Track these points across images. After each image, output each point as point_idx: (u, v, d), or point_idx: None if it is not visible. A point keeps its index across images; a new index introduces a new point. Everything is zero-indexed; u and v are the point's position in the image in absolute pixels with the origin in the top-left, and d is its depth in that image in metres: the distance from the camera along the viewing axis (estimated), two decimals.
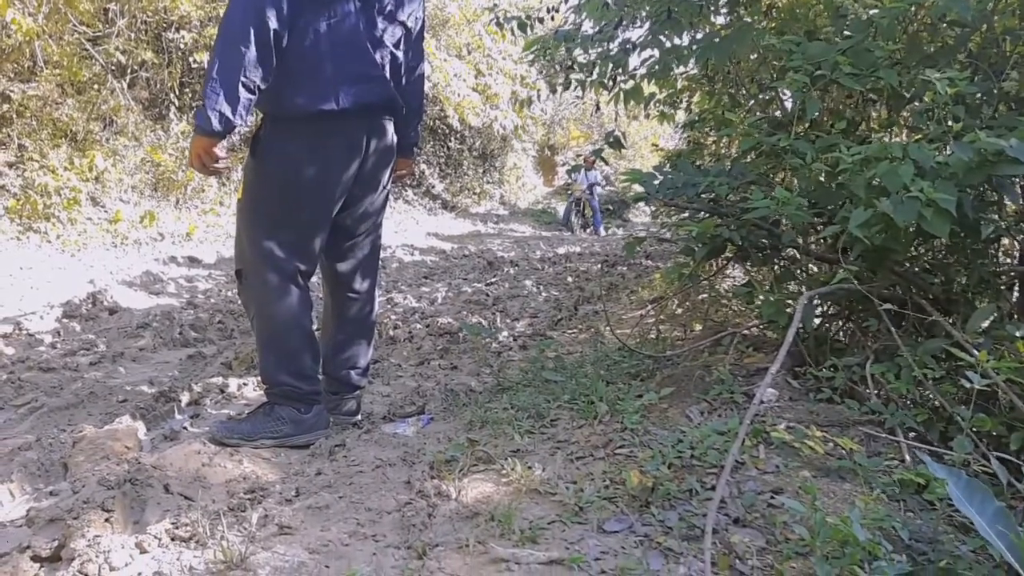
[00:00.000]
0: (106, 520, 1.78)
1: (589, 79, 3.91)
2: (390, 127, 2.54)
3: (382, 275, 7.02)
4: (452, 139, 15.58)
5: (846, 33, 2.67)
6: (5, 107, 8.07)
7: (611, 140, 3.72)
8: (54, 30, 7.81)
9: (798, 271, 3.06)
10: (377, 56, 2.45)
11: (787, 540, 1.60)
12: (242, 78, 2.16)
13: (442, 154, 15.53)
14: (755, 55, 3.56)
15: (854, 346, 2.72)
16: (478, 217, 15.10)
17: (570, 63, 4.03)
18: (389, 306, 5.32)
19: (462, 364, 3.63)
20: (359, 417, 2.77)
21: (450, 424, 2.62)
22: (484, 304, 5.42)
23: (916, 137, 2.60)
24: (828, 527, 1.48)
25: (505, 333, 4.32)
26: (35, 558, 1.68)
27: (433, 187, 14.97)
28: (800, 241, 2.85)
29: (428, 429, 2.60)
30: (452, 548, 1.65)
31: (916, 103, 2.70)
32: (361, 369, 2.74)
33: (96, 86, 8.86)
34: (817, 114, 2.65)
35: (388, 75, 2.49)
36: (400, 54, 2.55)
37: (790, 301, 2.63)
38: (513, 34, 4.51)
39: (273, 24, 2.18)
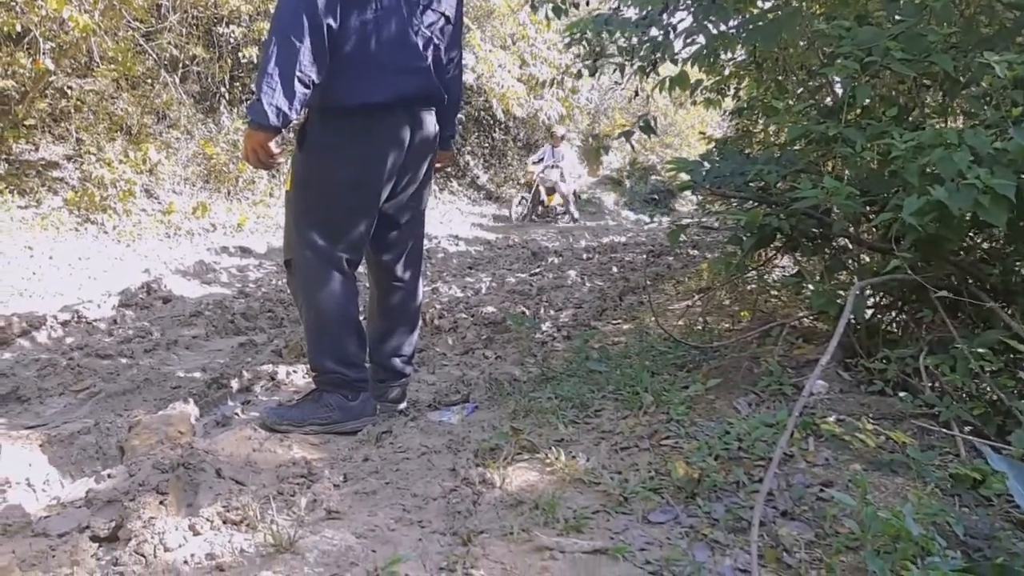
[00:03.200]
0: (161, 502, 1.83)
1: (629, 64, 3.87)
2: (432, 118, 2.55)
3: (427, 265, 7.08)
4: (496, 130, 15.58)
5: (898, 17, 2.60)
6: (63, 102, 8.31)
7: (643, 124, 3.68)
8: (109, 26, 8.00)
9: (849, 261, 2.99)
10: (422, 47, 2.46)
11: (837, 534, 1.57)
12: (297, 72, 2.18)
13: (486, 145, 15.54)
14: (803, 41, 3.48)
15: (907, 337, 2.66)
16: None
17: (598, 49, 3.99)
18: (434, 296, 5.36)
19: (506, 354, 3.64)
20: (405, 405, 2.80)
21: (494, 413, 2.63)
22: (528, 294, 5.42)
23: (972, 123, 2.52)
24: (879, 521, 1.45)
25: (549, 323, 4.32)
26: (94, 538, 1.73)
27: (478, 178, 15.00)
28: (851, 230, 2.79)
29: (473, 417, 2.62)
30: (497, 535, 1.66)
31: (972, 88, 2.62)
32: (406, 357, 2.76)
33: (149, 80, 9.07)
34: (868, 101, 2.59)
35: (434, 64, 2.50)
36: (442, 44, 2.56)
37: (841, 291, 2.58)
38: (547, 19, 4.49)
39: (327, 18, 2.20)
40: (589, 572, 1.52)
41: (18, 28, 6.96)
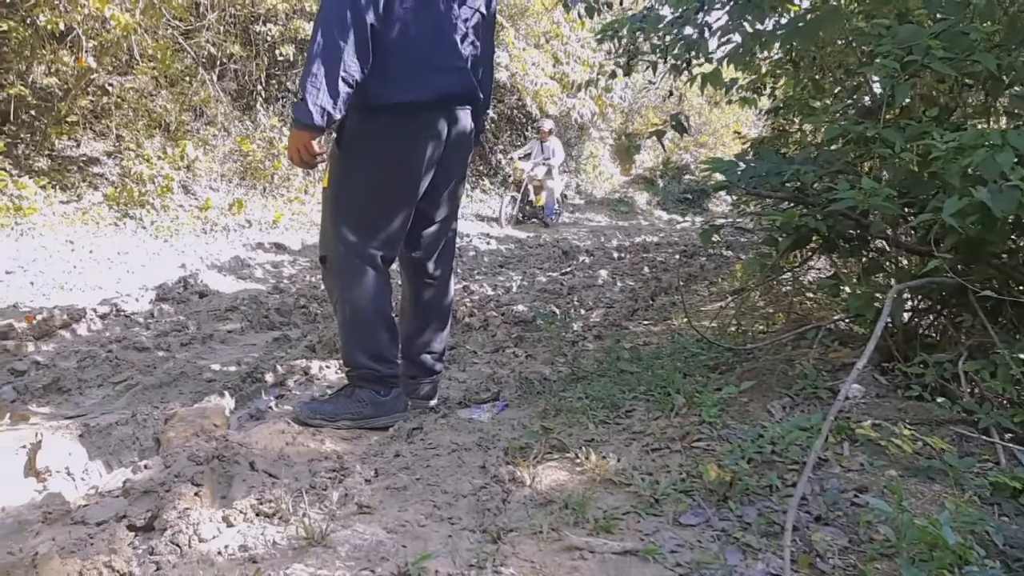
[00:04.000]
0: (195, 494, 1.85)
1: (663, 62, 3.84)
2: (468, 115, 2.56)
3: (458, 263, 7.10)
4: (529, 128, 15.57)
5: (939, 15, 2.55)
6: (104, 99, 8.48)
7: (675, 123, 3.64)
8: (149, 24, 8.15)
9: (887, 263, 2.95)
10: (460, 45, 2.47)
11: (871, 540, 1.55)
12: (342, 72, 2.20)
13: (519, 143, 15.54)
14: (842, 40, 3.43)
15: (946, 342, 2.61)
16: None
17: (632, 47, 3.96)
18: (465, 294, 5.37)
19: (536, 352, 3.64)
20: (435, 402, 2.81)
21: (524, 411, 2.63)
22: (559, 293, 5.42)
23: (1016, 123, 2.47)
24: (916, 529, 1.43)
25: (579, 323, 4.31)
26: (130, 527, 1.76)
27: (510, 176, 15.01)
28: (889, 232, 2.75)
29: (503, 416, 2.62)
30: (526, 534, 1.66)
31: (1016, 88, 2.56)
32: (437, 354, 2.78)
33: (188, 78, 9.22)
34: (908, 101, 2.54)
35: (471, 63, 2.51)
36: (477, 40, 2.56)
37: (878, 294, 2.54)
38: (580, 17, 4.47)
39: (370, 18, 2.22)
40: (619, 573, 1.51)
41: (61, 27, 7.11)
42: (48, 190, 7.48)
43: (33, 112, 7.99)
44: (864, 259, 3.00)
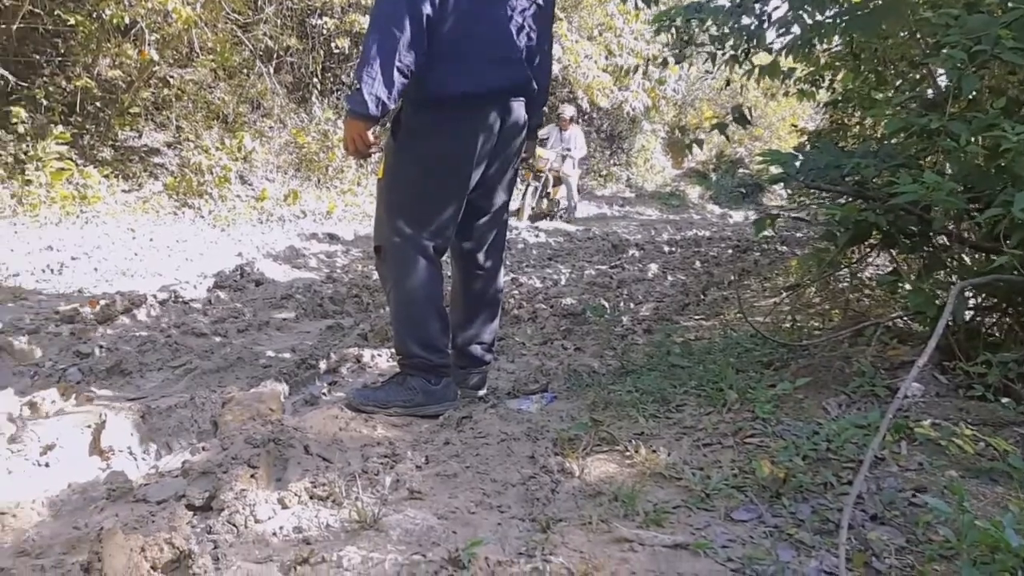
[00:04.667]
0: (251, 476, 1.90)
1: (720, 53, 3.77)
2: (522, 107, 2.56)
3: (508, 256, 7.11)
4: (580, 121, 15.50)
5: (1010, 4, 2.46)
6: (165, 91, 8.70)
7: (736, 115, 3.58)
8: (209, 18, 8.33)
9: (949, 259, 2.86)
10: (516, 37, 2.47)
11: (930, 541, 1.51)
12: (397, 62, 2.21)
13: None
14: (905, 31, 3.34)
15: (1011, 341, 2.52)
16: (604, 200, 14.97)
17: (687, 37, 3.90)
18: (514, 286, 5.38)
19: (585, 345, 3.63)
20: (484, 391, 2.83)
21: (573, 404, 2.63)
22: (608, 286, 5.39)
23: None
24: (977, 530, 1.39)
25: (628, 317, 4.28)
26: (189, 506, 1.81)
27: (582, 174, 14.96)
28: (952, 227, 2.67)
29: (551, 407, 2.62)
30: (575, 524, 1.67)
31: None
32: (486, 344, 2.79)
33: (245, 71, 9.40)
34: (975, 93, 2.46)
35: (527, 54, 2.51)
36: (533, 32, 2.56)
37: (940, 291, 2.47)
38: (636, 8, 4.42)
39: (427, 9, 2.23)
40: (669, 566, 1.50)
41: (126, 20, 7.31)
42: (111, 179, 7.71)
43: (98, 104, 8.23)
44: (925, 255, 2.92)
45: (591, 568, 1.47)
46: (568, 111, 11.30)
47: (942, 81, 3.17)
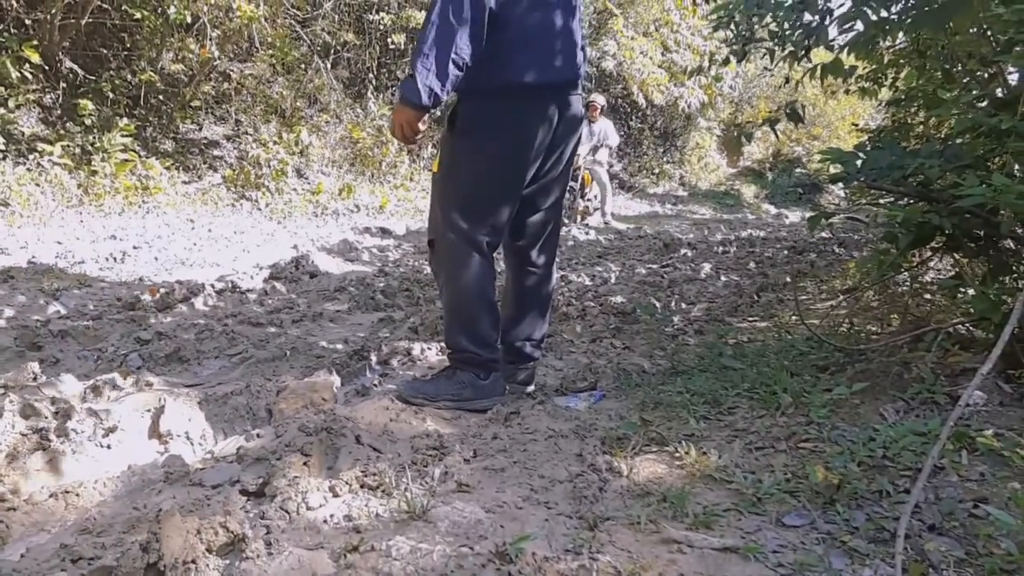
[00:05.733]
0: (304, 463, 1.93)
1: (779, 49, 3.70)
2: (579, 100, 2.54)
3: (558, 253, 7.09)
4: (634, 117, 15.39)
5: None
6: (225, 85, 8.90)
7: (789, 112, 3.50)
8: (269, 14, 8.49)
9: (1016, 264, 2.76)
10: (575, 30, 2.46)
11: (991, 554, 1.46)
12: (453, 55, 2.21)
13: (622, 133, 15.38)
14: (975, 27, 3.22)
15: None
16: (656, 198, 14.85)
17: (747, 33, 3.82)
18: (563, 283, 5.37)
19: (635, 345, 3.61)
20: (532, 387, 2.82)
21: (622, 403, 2.61)
22: (659, 286, 5.34)
23: None
24: None
25: (680, 317, 4.24)
26: (243, 491, 1.86)
27: (611, 166, 14.88)
28: (1021, 231, 2.58)
29: (599, 405, 2.61)
30: (623, 523, 1.66)
31: None
32: (536, 341, 2.79)
33: (303, 66, 9.55)
34: None
35: (580, 47, 2.50)
36: (580, 26, 2.55)
37: (1005, 297, 2.39)
38: (694, 3, 4.35)
39: (490, 2, 2.23)
40: (718, 569, 1.49)
41: (188, 18, 7.50)
42: (172, 171, 7.92)
43: (160, 97, 8.46)
44: (990, 259, 2.82)
45: (638, 568, 1.46)
46: (599, 100, 10.34)
47: (1013, 80, 3.06)
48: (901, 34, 3.53)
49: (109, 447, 2.15)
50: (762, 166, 18.43)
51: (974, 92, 3.38)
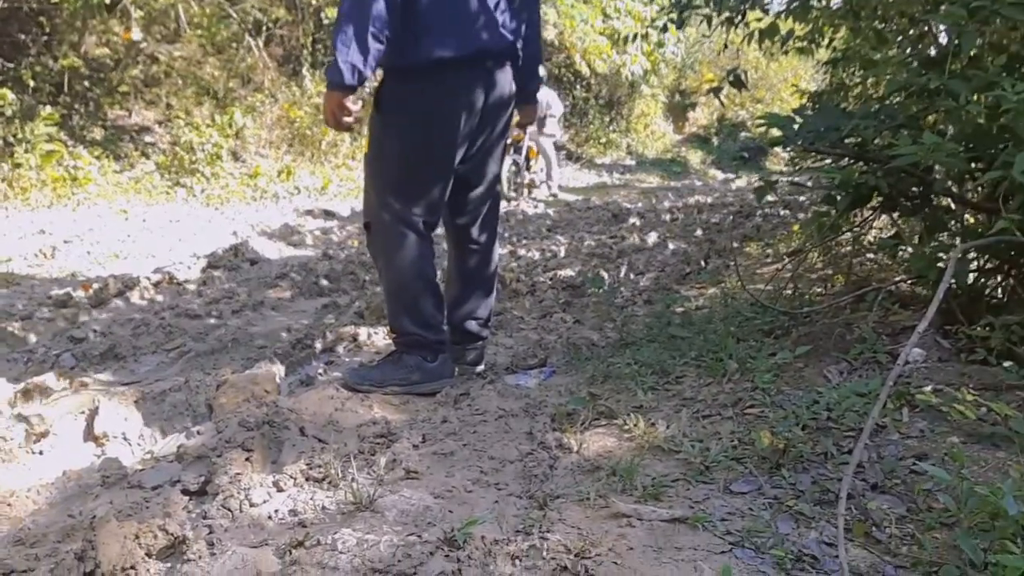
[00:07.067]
0: (246, 459, 1.88)
1: (716, 15, 3.69)
2: (507, 75, 2.49)
3: (506, 228, 7.06)
4: (578, 87, 15.34)
5: None
6: (154, 68, 8.61)
7: (732, 79, 3.50)
8: None
9: (952, 222, 2.82)
10: (497, 2, 2.40)
11: (930, 509, 1.49)
12: (371, 28, 2.15)
13: (567, 103, 15.33)
14: None
15: (1014, 303, 2.49)
16: (604, 168, 14.87)
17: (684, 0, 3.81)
18: (513, 259, 5.35)
19: (584, 318, 3.61)
20: (482, 367, 2.80)
21: (572, 378, 2.61)
22: (608, 257, 5.35)
23: None
24: (976, 497, 1.37)
25: (629, 287, 4.25)
26: (184, 491, 1.80)
27: (556, 137, 14.82)
28: (954, 189, 2.62)
29: (550, 382, 2.60)
30: (573, 500, 1.65)
31: None
32: (482, 320, 2.76)
33: (234, 45, 9.28)
34: (976, 50, 2.40)
35: (506, 19, 2.44)
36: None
37: (942, 254, 2.43)
38: None
39: None
40: (667, 540, 1.49)
41: (107, 0, 7.19)
42: (102, 160, 7.64)
43: (86, 83, 8.15)
44: (927, 218, 2.87)
45: (588, 544, 1.45)
46: (539, 70, 10.13)
47: (943, 39, 3.09)
48: None
49: (41, 453, 2.07)
50: (708, 132, 18.59)
51: (908, 51, 3.42)
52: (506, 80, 2.49)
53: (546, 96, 9.89)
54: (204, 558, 1.49)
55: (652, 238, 6.05)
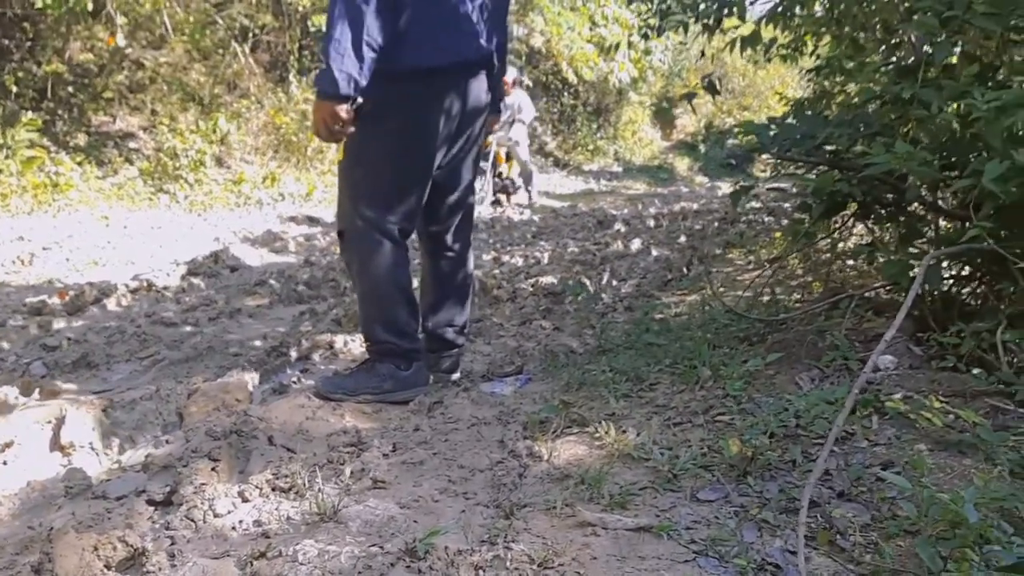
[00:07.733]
0: (212, 469, 1.86)
1: (692, 23, 3.70)
2: (482, 83, 2.49)
3: (491, 234, 7.05)
4: (565, 94, 15.36)
5: None
6: (139, 74, 8.56)
7: (705, 85, 3.51)
8: None
9: (926, 229, 2.83)
10: (474, 10, 2.40)
11: (895, 517, 1.49)
12: (365, 36, 2.13)
13: (555, 110, 15.34)
14: None
15: (985, 311, 2.49)
16: (591, 175, 14.86)
17: (665, 7, 3.83)
18: (496, 265, 5.34)
19: (564, 325, 3.60)
20: (458, 375, 2.79)
21: (548, 385, 2.60)
22: (591, 264, 5.35)
23: None
24: (937, 505, 1.36)
25: (610, 294, 4.24)
26: (150, 502, 1.78)
27: (545, 144, 14.84)
28: (928, 197, 2.63)
29: (526, 389, 2.59)
30: (540, 509, 1.64)
31: None
32: (458, 327, 2.75)
33: (220, 51, 9.25)
34: (950, 59, 2.41)
35: (482, 29, 2.44)
36: (489, 4, 2.49)
37: (915, 261, 2.44)
38: None
39: None
40: (631, 549, 1.48)
41: (90, 6, 7.15)
42: (85, 166, 7.59)
43: (70, 89, 8.10)
44: (901, 225, 2.88)
45: (552, 554, 1.44)
46: (511, 73, 9.12)
47: (926, 48, 3.11)
48: (818, 3, 3.57)
49: (5, 463, 2.04)
50: (695, 139, 18.63)
51: (884, 60, 3.44)
52: (481, 89, 2.49)
53: (517, 99, 9.62)
54: (164, 569, 1.48)
55: (636, 244, 6.05)
